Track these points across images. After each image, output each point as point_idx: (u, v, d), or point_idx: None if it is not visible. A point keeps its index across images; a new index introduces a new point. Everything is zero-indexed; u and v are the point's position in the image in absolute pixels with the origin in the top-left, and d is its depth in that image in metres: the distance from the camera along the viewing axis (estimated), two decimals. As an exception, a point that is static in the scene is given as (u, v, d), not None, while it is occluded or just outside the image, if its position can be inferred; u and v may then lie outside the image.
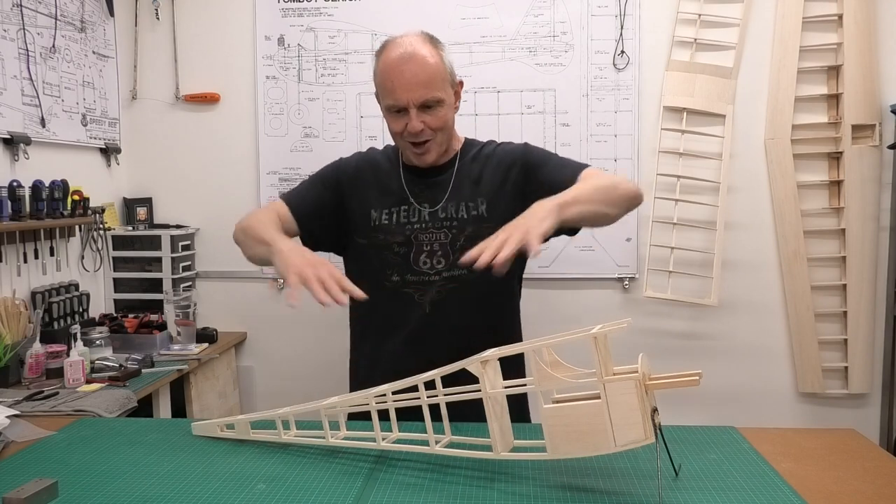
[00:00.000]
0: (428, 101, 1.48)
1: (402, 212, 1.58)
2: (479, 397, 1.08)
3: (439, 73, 1.49)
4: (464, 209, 1.57)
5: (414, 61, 1.46)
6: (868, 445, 1.26)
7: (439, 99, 1.49)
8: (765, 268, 2.82)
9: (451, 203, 1.57)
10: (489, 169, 1.60)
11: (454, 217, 1.56)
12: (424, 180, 1.61)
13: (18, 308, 2.22)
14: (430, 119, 1.49)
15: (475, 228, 1.53)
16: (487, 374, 1.08)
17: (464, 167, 1.62)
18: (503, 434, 1.10)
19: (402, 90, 1.46)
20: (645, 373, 0.98)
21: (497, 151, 1.64)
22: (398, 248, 1.55)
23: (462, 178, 1.60)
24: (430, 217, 1.56)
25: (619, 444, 0.98)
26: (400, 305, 1.56)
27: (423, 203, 1.58)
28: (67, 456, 1.24)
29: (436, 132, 1.52)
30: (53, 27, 2.52)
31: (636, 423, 0.97)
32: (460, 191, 1.58)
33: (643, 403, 0.97)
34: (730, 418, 1.83)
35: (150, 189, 3.05)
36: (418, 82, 1.46)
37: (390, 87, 1.48)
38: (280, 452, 1.23)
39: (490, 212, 1.55)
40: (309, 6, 2.91)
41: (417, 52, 1.47)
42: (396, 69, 1.47)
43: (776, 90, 2.74)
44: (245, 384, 3.03)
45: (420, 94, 1.47)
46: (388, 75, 1.48)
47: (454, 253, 1.53)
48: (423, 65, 1.47)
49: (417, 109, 1.48)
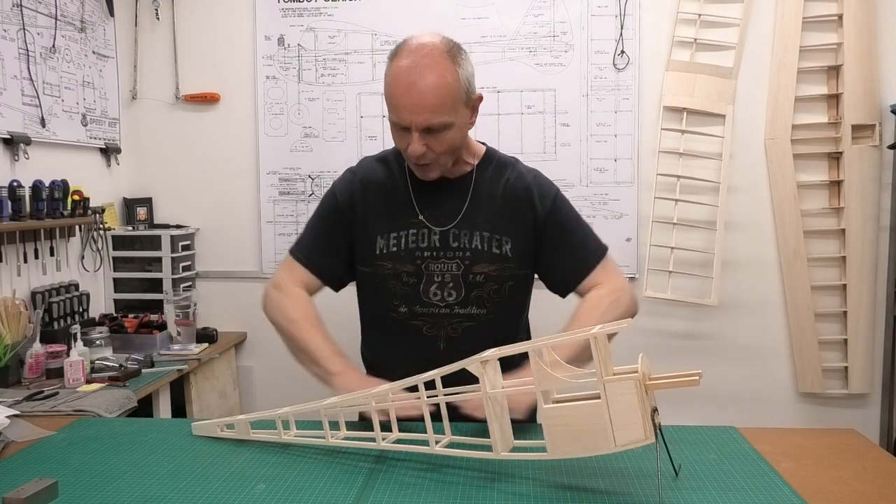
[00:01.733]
0: (433, 127, 1.34)
1: (410, 236, 1.46)
2: (479, 397, 1.07)
3: (451, 94, 1.34)
4: (479, 240, 1.45)
5: (423, 81, 1.31)
6: (868, 445, 1.26)
7: (446, 124, 1.35)
8: (765, 268, 2.82)
9: (464, 228, 1.46)
10: (511, 199, 1.48)
11: (468, 247, 1.45)
12: (436, 195, 1.47)
13: (18, 308, 2.22)
14: (434, 142, 1.36)
15: (498, 268, 1.45)
16: (487, 374, 1.08)
17: (481, 186, 1.48)
18: (503, 434, 1.10)
19: (406, 111, 1.33)
20: (645, 373, 0.98)
21: (523, 182, 1.49)
22: (407, 277, 1.45)
23: (479, 200, 1.47)
24: (440, 243, 1.45)
25: (619, 444, 0.98)
26: (410, 339, 1.47)
27: (433, 223, 1.46)
28: (67, 456, 1.24)
29: (439, 155, 1.39)
30: (53, 27, 2.52)
31: (636, 423, 0.97)
32: (476, 215, 1.46)
33: (643, 403, 0.97)
34: (730, 418, 1.83)
35: (150, 189, 3.05)
36: (424, 106, 1.32)
37: (395, 104, 1.35)
38: (280, 452, 1.23)
39: (515, 252, 1.46)
40: (309, 6, 2.91)
41: (429, 71, 1.32)
42: (403, 86, 1.33)
43: (776, 90, 2.74)
44: (245, 384, 3.03)
45: (424, 118, 1.33)
46: (395, 90, 1.35)
47: (466, 286, 1.44)
48: (432, 87, 1.32)
49: (421, 133, 1.34)
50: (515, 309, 1.54)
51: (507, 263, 1.45)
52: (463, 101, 1.37)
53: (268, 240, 3.00)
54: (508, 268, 1.45)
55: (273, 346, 3.03)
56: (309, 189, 2.97)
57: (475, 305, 1.46)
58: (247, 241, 3.03)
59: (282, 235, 2.99)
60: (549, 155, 2.82)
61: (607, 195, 2.84)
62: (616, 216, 2.83)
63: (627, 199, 2.84)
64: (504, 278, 1.44)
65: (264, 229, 3.00)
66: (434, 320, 1.46)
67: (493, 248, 1.45)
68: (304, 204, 2.97)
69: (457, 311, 1.45)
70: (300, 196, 2.98)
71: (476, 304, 1.46)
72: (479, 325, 1.46)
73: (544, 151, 2.82)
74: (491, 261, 1.45)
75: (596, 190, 2.84)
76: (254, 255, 3.02)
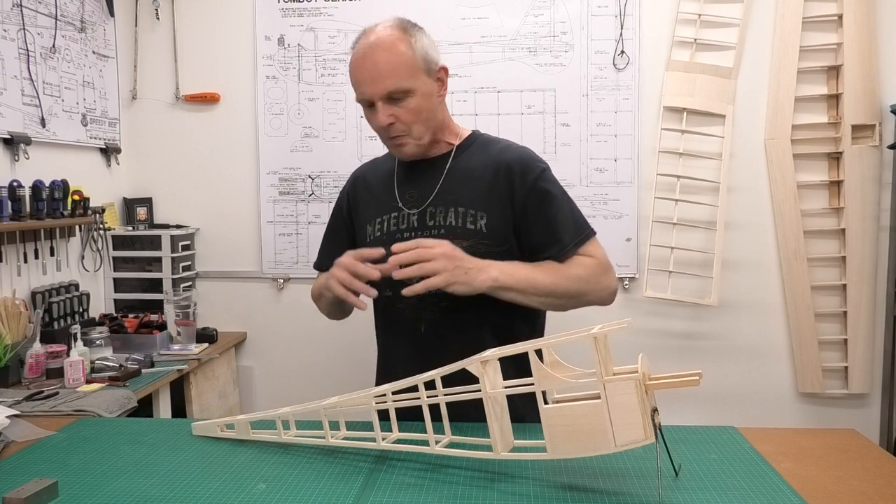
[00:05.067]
0: (393, 94, 1.38)
1: (391, 219, 1.49)
2: (479, 397, 1.07)
3: (404, 61, 1.39)
4: (453, 216, 1.44)
5: (375, 52, 1.39)
6: (868, 445, 1.26)
7: (406, 89, 1.39)
8: (765, 268, 2.82)
9: (439, 206, 1.46)
10: (492, 173, 1.46)
11: (442, 224, 1.44)
12: (415, 177, 1.51)
13: (18, 308, 2.22)
14: (399, 111, 1.40)
15: (473, 244, 1.41)
16: (487, 374, 1.07)
17: (458, 164, 1.49)
18: (503, 434, 1.10)
19: (365, 84, 1.40)
20: (645, 373, 0.98)
21: (505, 157, 1.48)
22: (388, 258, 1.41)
23: (453, 177, 1.48)
24: (417, 223, 1.46)
25: (619, 444, 0.98)
26: (398, 320, 1.49)
27: (409, 205, 1.48)
28: (67, 456, 1.24)
29: (409, 125, 1.42)
30: (53, 27, 2.52)
31: (636, 423, 0.97)
32: (449, 191, 1.46)
33: (643, 403, 0.97)
34: (730, 418, 1.83)
35: (150, 189, 3.05)
36: (380, 74, 1.38)
37: (355, 81, 1.42)
38: (280, 452, 1.23)
39: (490, 228, 1.43)
40: (309, 6, 2.91)
41: (380, 43, 1.39)
42: (359, 62, 1.41)
43: (776, 90, 2.74)
44: (245, 384, 3.03)
45: (382, 86, 1.38)
46: (354, 70, 1.42)
47: None
48: (384, 55, 1.38)
49: (384, 102, 1.39)
50: None
51: (482, 239, 1.42)
52: (422, 69, 1.41)
53: (268, 240, 3.00)
54: (483, 244, 1.41)
55: (273, 347, 3.05)
56: (309, 189, 2.97)
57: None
58: (247, 241, 3.03)
59: (282, 235, 2.99)
60: (549, 155, 2.82)
61: (607, 195, 2.84)
62: (616, 216, 2.83)
63: (627, 199, 2.84)
64: (479, 254, 1.38)
65: (264, 229, 3.00)
66: (415, 302, 1.43)
67: (468, 223, 1.44)
68: (304, 204, 2.97)
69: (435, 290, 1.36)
70: (300, 196, 2.98)
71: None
72: (457, 303, 1.38)
73: (544, 151, 2.82)
74: (465, 236, 1.42)
75: (596, 190, 2.84)
76: (254, 255, 3.02)
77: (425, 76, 1.42)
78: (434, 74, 1.45)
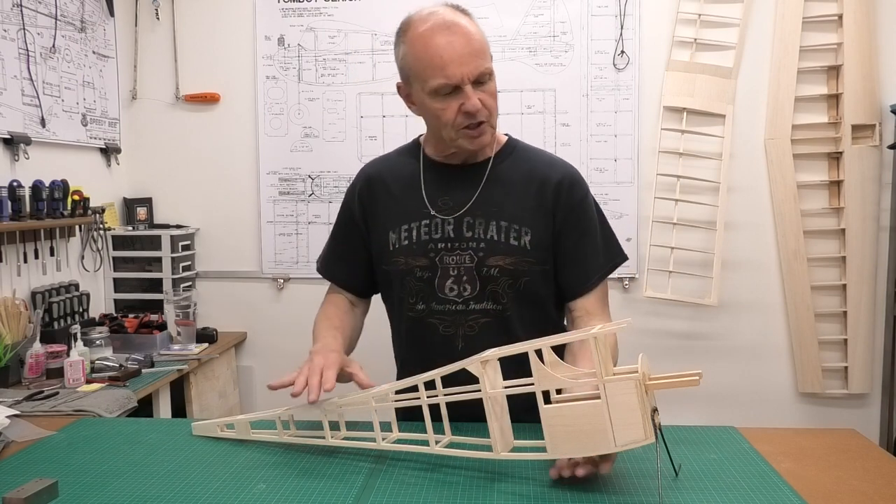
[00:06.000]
0: (483, 73, 1.28)
1: (422, 227, 1.38)
2: (480, 397, 1.07)
3: (485, 42, 1.31)
4: (495, 230, 1.35)
5: (459, 31, 1.26)
6: (868, 445, 1.26)
7: (491, 70, 1.31)
8: (765, 268, 2.82)
9: (478, 217, 1.36)
10: (535, 187, 1.38)
11: (482, 237, 1.35)
12: (450, 182, 1.39)
13: (18, 308, 2.21)
14: (484, 96, 1.29)
15: (516, 261, 1.35)
16: (487, 374, 1.07)
17: (499, 172, 1.39)
18: (503, 434, 1.10)
19: (455, 65, 1.25)
20: (645, 373, 0.98)
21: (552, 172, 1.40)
22: (420, 272, 1.37)
23: (494, 186, 1.38)
24: (454, 233, 1.36)
25: (619, 444, 0.98)
26: (428, 339, 1.39)
27: (444, 212, 1.37)
28: (67, 456, 1.24)
29: (492, 111, 1.32)
30: (53, 27, 2.52)
31: (636, 423, 0.97)
32: (489, 202, 1.37)
33: (643, 403, 0.97)
34: (730, 418, 1.83)
35: (150, 189, 3.05)
36: (472, 52, 1.26)
37: (439, 62, 1.25)
38: (280, 452, 1.23)
39: (535, 245, 1.36)
40: (309, 6, 2.91)
41: (460, 22, 1.28)
42: (442, 43, 1.26)
43: (776, 90, 2.74)
44: (245, 384, 3.03)
45: (474, 65, 1.26)
46: (431, 52, 1.26)
47: (481, 280, 1.35)
48: (469, 34, 1.27)
49: (472, 85, 1.28)
50: (537, 304, 1.40)
51: (525, 257, 1.35)
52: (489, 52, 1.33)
53: (268, 240, 3.00)
54: (526, 262, 1.35)
55: (273, 347, 3.05)
56: (309, 189, 2.97)
57: (491, 300, 1.36)
58: (247, 241, 3.03)
59: (282, 235, 2.99)
60: (549, 155, 2.82)
61: (607, 195, 2.84)
62: (616, 216, 2.83)
63: (627, 199, 2.84)
64: (520, 273, 1.34)
65: (264, 229, 3.00)
66: (450, 317, 1.37)
67: (511, 238, 1.35)
68: (304, 204, 2.97)
69: (472, 306, 1.36)
70: (300, 196, 2.98)
71: (492, 298, 1.36)
72: (497, 321, 1.36)
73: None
74: (507, 253, 1.35)
75: (596, 190, 2.81)
76: (254, 255, 3.02)
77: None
78: None
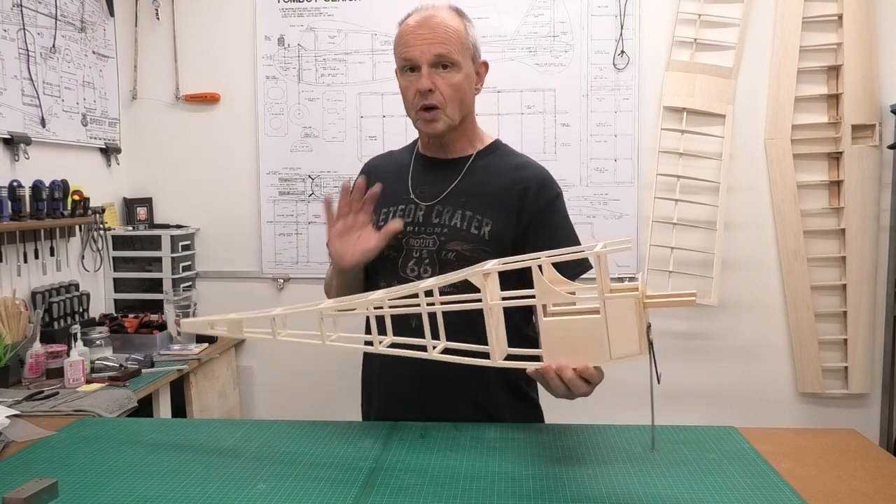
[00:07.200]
0: (442, 60, 1.40)
1: (398, 211, 1.48)
2: (480, 308, 1.08)
3: (458, 35, 1.42)
4: (459, 219, 1.44)
5: (432, 21, 1.42)
6: (868, 445, 1.26)
7: (454, 61, 1.41)
8: (765, 268, 2.82)
9: (448, 205, 1.45)
10: (508, 185, 1.46)
11: (447, 224, 1.44)
12: (432, 173, 1.50)
13: (18, 308, 2.22)
14: (441, 83, 1.40)
15: (473, 248, 1.41)
16: (488, 286, 1.08)
17: (476, 168, 1.49)
18: (499, 343, 1.11)
19: (415, 45, 1.41)
20: (644, 291, 1.01)
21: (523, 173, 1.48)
22: (388, 251, 1.45)
23: (469, 180, 1.47)
24: (423, 218, 1.46)
25: (613, 357, 1.01)
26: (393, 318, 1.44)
27: (422, 198, 1.48)
28: (67, 456, 1.24)
29: (447, 100, 1.42)
30: (53, 27, 2.52)
31: (633, 339, 1.00)
32: (461, 193, 1.46)
33: (640, 320, 1.00)
34: (730, 418, 1.83)
35: (150, 189, 3.05)
36: (434, 37, 1.40)
37: (403, 44, 1.43)
38: (280, 452, 1.23)
39: (492, 236, 1.42)
40: (309, 6, 2.91)
41: (439, 13, 1.43)
42: (413, 28, 1.43)
43: (776, 90, 2.74)
44: (245, 384, 3.03)
45: (433, 49, 1.40)
46: (403, 34, 1.44)
47: (440, 263, 1.42)
48: (441, 24, 1.42)
49: (430, 67, 1.40)
50: None
51: (481, 245, 1.41)
52: (470, 51, 1.45)
53: (268, 240, 3.00)
54: (482, 250, 1.40)
55: (273, 347, 3.05)
56: (309, 189, 2.97)
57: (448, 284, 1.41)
58: (247, 241, 3.03)
59: (282, 235, 2.99)
60: (549, 155, 2.82)
61: (607, 195, 2.84)
62: (616, 216, 2.83)
63: (627, 199, 2.84)
64: (475, 259, 1.35)
65: (264, 229, 3.00)
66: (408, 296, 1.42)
67: (472, 227, 1.43)
68: (304, 204, 2.98)
69: None
70: (300, 196, 2.98)
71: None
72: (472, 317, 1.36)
73: (544, 151, 2.82)
74: (466, 240, 1.42)
75: (596, 190, 2.84)
76: (254, 255, 3.02)
77: (470, 61, 1.46)
78: (477, 63, 1.49)
